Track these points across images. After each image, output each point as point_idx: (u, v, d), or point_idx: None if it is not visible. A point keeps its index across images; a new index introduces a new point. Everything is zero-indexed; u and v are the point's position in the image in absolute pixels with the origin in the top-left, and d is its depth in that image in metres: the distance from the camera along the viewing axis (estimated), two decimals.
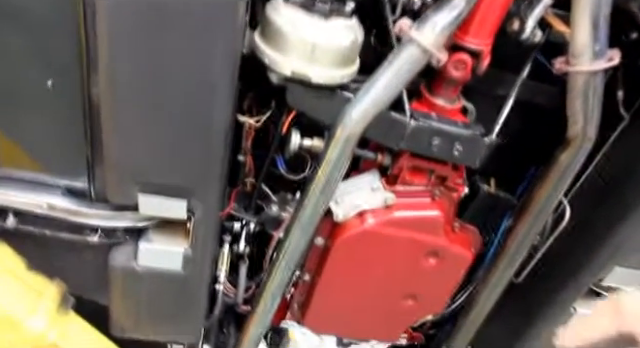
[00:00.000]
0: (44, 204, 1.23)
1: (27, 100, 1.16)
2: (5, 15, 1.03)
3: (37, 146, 1.24)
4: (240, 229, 1.60)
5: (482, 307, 1.61)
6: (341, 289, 1.47)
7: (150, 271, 1.33)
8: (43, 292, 1.26)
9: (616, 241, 1.42)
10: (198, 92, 1.06)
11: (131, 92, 1.05)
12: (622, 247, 1.42)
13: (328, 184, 1.22)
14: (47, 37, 1.07)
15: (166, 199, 1.19)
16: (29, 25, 1.05)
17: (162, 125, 1.09)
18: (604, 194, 1.45)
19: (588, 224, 1.48)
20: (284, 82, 1.16)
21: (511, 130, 1.48)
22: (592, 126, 1.20)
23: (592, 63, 1.12)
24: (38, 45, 1.08)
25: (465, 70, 1.22)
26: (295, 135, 1.31)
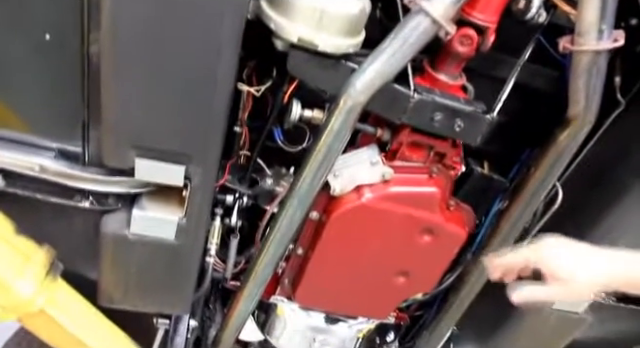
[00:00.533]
0: (36, 166, 1.19)
1: (23, 56, 1.11)
2: None
3: (30, 107, 1.19)
4: (233, 202, 1.58)
5: (471, 288, 1.62)
6: (334, 264, 1.46)
7: (142, 240, 1.30)
8: (32, 257, 1.23)
9: (607, 224, 1.44)
10: (203, 53, 1.03)
11: (133, 51, 1.02)
12: (613, 230, 1.44)
13: (328, 155, 1.21)
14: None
15: (164, 164, 1.16)
16: None
17: (164, 86, 1.06)
18: (597, 178, 1.47)
19: (580, 207, 1.50)
20: (289, 49, 1.14)
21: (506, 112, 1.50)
22: (593, 106, 1.21)
23: (598, 42, 1.12)
24: None
25: (470, 46, 1.22)
26: (296, 105, 1.29)
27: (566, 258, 1.06)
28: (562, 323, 1.68)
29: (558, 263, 1.06)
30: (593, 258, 1.06)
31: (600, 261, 1.05)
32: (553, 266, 1.06)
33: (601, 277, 1.04)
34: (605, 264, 1.04)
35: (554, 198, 1.51)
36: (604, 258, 1.05)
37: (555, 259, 1.07)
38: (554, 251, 1.09)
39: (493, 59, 1.41)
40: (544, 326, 1.67)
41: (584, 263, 1.05)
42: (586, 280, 1.04)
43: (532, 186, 1.40)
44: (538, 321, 1.67)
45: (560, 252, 1.08)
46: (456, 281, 1.68)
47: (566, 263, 1.05)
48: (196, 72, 1.06)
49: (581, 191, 1.50)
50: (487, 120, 1.28)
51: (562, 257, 1.07)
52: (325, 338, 1.72)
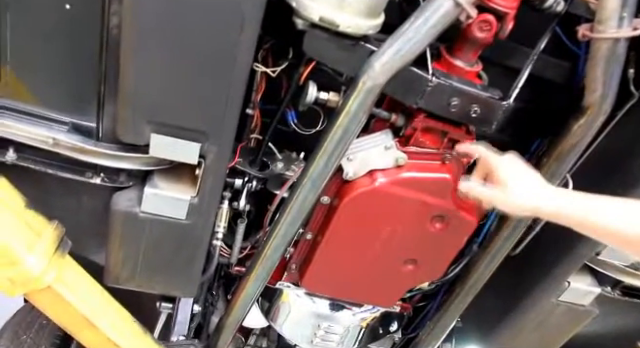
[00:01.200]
0: (49, 139, 1.18)
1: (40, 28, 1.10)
2: None
3: (45, 81, 1.18)
4: (242, 186, 1.57)
5: (478, 279, 1.62)
6: (343, 249, 1.46)
7: (153, 218, 1.30)
8: (42, 233, 1.21)
9: None
10: (226, 28, 1.03)
11: (155, 23, 1.01)
12: None
13: (344, 137, 1.20)
14: None
15: (179, 141, 1.15)
16: None
17: (184, 61, 1.05)
18: (608, 170, 1.47)
19: None
20: (309, 28, 1.13)
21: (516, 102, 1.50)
22: (610, 95, 1.21)
23: (618, 30, 1.12)
24: None
25: (489, 32, 1.21)
26: (312, 87, 1.28)
27: (515, 171, 1.14)
28: (567, 316, 1.69)
29: (506, 169, 1.14)
30: (537, 183, 1.12)
31: (541, 188, 1.11)
32: (500, 169, 1.14)
33: (533, 199, 1.09)
34: (543, 192, 1.10)
35: None
36: (547, 188, 1.11)
37: (506, 166, 1.15)
38: (511, 161, 1.17)
39: (506, 48, 1.41)
40: (549, 319, 1.68)
41: (527, 182, 1.12)
42: (519, 194, 1.10)
43: (544, 176, 1.39)
44: (543, 314, 1.67)
45: (515, 164, 1.16)
46: (462, 272, 1.68)
47: (512, 173, 1.13)
48: (217, 47, 1.05)
49: (591, 183, 1.49)
50: (503, 106, 1.28)
51: (513, 168, 1.15)
52: (329, 325, 1.72)
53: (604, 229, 1.02)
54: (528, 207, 1.11)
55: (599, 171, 1.49)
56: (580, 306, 1.65)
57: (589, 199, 1.07)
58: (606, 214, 1.02)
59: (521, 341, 1.77)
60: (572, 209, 1.06)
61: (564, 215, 1.06)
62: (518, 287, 1.67)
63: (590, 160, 1.50)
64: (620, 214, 1.01)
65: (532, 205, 1.10)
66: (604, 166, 1.48)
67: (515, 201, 1.11)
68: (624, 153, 1.44)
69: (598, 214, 1.03)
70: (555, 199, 1.09)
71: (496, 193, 1.14)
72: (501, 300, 1.75)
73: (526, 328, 1.72)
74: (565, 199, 1.08)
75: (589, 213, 1.03)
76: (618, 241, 1.03)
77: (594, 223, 1.03)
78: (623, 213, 1.01)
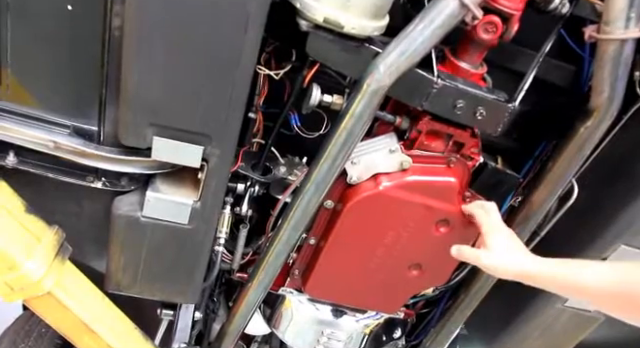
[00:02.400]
0: (50, 142, 1.16)
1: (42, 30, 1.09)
2: None
3: (46, 83, 1.17)
4: (244, 190, 1.55)
5: (483, 284, 1.60)
6: (347, 255, 1.44)
7: (154, 223, 1.28)
8: (41, 238, 1.20)
9: (625, 220, 1.43)
10: (229, 29, 1.01)
11: (157, 24, 1.00)
12: (631, 226, 1.43)
13: (349, 140, 1.19)
14: None
15: (182, 144, 1.14)
16: None
17: (187, 63, 1.04)
18: (614, 173, 1.46)
19: (596, 203, 1.49)
20: (313, 29, 1.12)
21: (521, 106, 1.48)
22: (617, 97, 1.20)
23: (625, 31, 1.11)
24: None
25: (495, 33, 1.20)
26: (316, 89, 1.27)
27: (502, 238, 1.22)
28: (573, 322, 1.66)
29: (494, 236, 1.21)
30: (519, 250, 1.20)
31: (521, 255, 1.19)
32: (489, 235, 1.22)
33: (514, 265, 1.17)
34: (523, 259, 1.17)
35: (569, 193, 1.50)
36: (527, 256, 1.18)
37: (495, 233, 1.22)
38: (500, 229, 1.24)
39: (510, 51, 1.40)
40: (554, 325, 1.65)
41: (510, 248, 1.20)
42: (501, 259, 1.19)
43: (549, 180, 1.39)
44: (548, 320, 1.65)
45: (502, 232, 1.23)
46: (466, 278, 1.66)
47: (499, 240, 1.20)
48: (221, 49, 1.04)
49: (597, 187, 1.48)
50: (509, 109, 1.27)
51: (501, 235, 1.22)
52: (332, 332, 1.69)
53: (583, 290, 1.07)
54: (510, 272, 1.18)
55: (604, 176, 1.48)
56: (586, 312, 1.63)
57: (566, 263, 1.13)
58: (584, 277, 1.07)
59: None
60: (552, 273, 1.12)
61: (544, 279, 1.13)
62: (523, 293, 1.64)
63: (595, 164, 1.48)
64: (596, 275, 1.06)
65: (513, 271, 1.17)
66: (609, 171, 1.47)
67: (498, 267, 1.19)
68: (630, 157, 1.43)
69: (577, 277, 1.08)
70: (535, 265, 1.15)
71: (480, 253, 1.22)
72: (506, 306, 1.73)
73: (531, 335, 1.69)
74: (544, 265, 1.15)
75: (568, 276, 1.09)
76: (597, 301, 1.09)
77: (574, 284, 1.08)
78: (599, 274, 1.07)
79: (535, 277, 1.14)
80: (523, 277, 1.16)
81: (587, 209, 1.48)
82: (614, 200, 1.45)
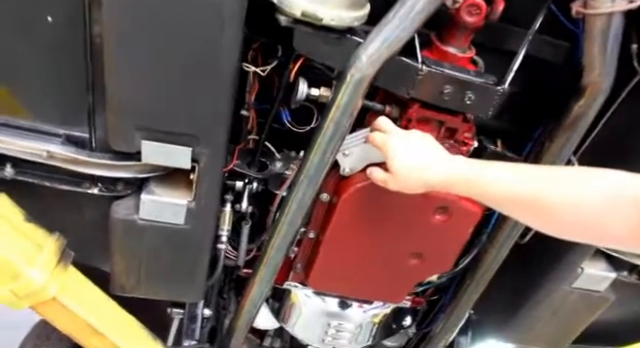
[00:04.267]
0: (44, 152, 1.18)
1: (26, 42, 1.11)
2: None
3: (35, 94, 1.19)
4: (242, 188, 1.56)
5: (487, 269, 1.58)
6: (346, 246, 1.44)
7: (152, 225, 1.30)
8: (43, 245, 1.22)
9: None
10: (206, 29, 1.02)
11: (135, 29, 1.01)
12: None
13: (337, 132, 1.19)
14: None
15: (170, 146, 1.15)
16: None
17: (167, 65, 1.05)
18: (616, 151, 1.43)
19: None
20: (293, 24, 1.12)
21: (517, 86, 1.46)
22: (609, 73, 1.17)
23: (612, 4, 1.08)
24: None
25: (479, 15, 1.18)
26: (303, 84, 1.27)
27: (403, 155, 1.12)
28: (582, 303, 1.64)
29: (394, 158, 1.13)
30: (422, 164, 1.11)
31: (423, 171, 1.10)
32: (389, 156, 1.14)
33: (418, 186, 1.12)
34: (426, 169, 1.10)
35: None
36: (434, 162, 1.10)
37: (395, 148, 1.13)
38: (398, 143, 1.14)
39: (501, 31, 1.37)
40: (563, 307, 1.63)
41: (412, 167, 1.11)
42: (405, 182, 1.12)
43: (547, 161, 1.36)
44: (556, 302, 1.63)
45: (402, 144, 1.13)
46: (472, 263, 1.65)
47: (399, 160, 1.12)
48: (199, 49, 1.04)
49: (600, 165, 1.45)
50: (498, 91, 1.25)
51: (400, 154, 1.13)
52: (340, 323, 1.70)
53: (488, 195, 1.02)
54: (418, 190, 1.13)
55: (606, 153, 1.45)
56: (595, 292, 1.60)
57: (479, 164, 1.06)
58: (499, 176, 1.00)
59: (537, 331, 1.73)
60: (461, 177, 1.05)
61: (455, 183, 1.07)
62: (530, 276, 1.63)
63: (597, 141, 1.46)
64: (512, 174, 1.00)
65: (420, 189, 1.12)
66: (611, 147, 1.44)
67: (404, 189, 1.14)
68: (631, 133, 1.40)
69: (490, 177, 1.01)
70: (438, 176, 1.09)
71: (389, 181, 1.16)
72: (514, 290, 1.72)
73: (541, 318, 1.68)
74: (452, 167, 1.08)
75: (480, 178, 1.02)
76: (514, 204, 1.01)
77: (482, 191, 1.02)
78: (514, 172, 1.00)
79: (441, 187, 1.11)
80: (435, 187, 1.13)
81: None
82: None
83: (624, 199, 0.85)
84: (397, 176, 1.13)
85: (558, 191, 0.93)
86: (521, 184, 0.97)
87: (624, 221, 0.84)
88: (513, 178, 0.99)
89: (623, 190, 0.87)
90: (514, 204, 1.00)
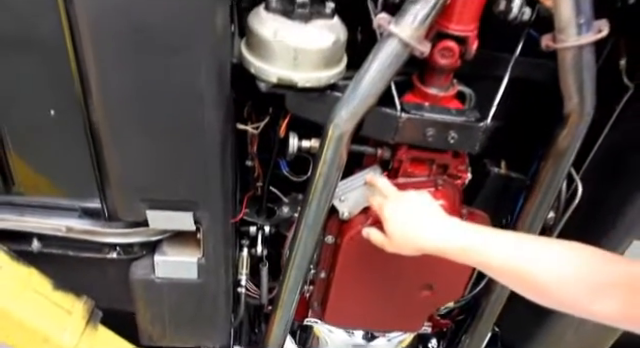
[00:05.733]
0: (63, 227, 1.30)
1: (37, 129, 1.22)
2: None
3: (53, 171, 1.31)
4: (256, 233, 1.64)
5: (502, 288, 1.60)
6: (357, 284, 1.49)
7: (169, 281, 1.39)
8: (71, 310, 1.34)
9: (632, 215, 1.38)
10: (187, 107, 1.09)
11: (124, 114, 1.10)
12: (638, 222, 1.38)
13: (327, 183, 1.24)
14: (45, 70, 1.13)
15: (173, 213, 1.24)
16: (28, 59, 1.12)
17: (157, 143, 1.13)
18: (616, 167, 1.42)
19: (603, 199, 1.45)
20: (272, 89, 1.18)
21: (516, 109, 1.47)
22: (588, 101, 1.18)
23: (579, 37, 1.10)
24: (37, 78, 1.14)
25: (453, 57, 1.22)
26: (293, 138, 1.33)
27: (396, 220, 1.15)
28: None
29: (389, 220, 1.16)
30: (416, 230, 1.12)
31: (417, 238, 1.12)
32: (384, 219, 1.17)
33: (413, 244, 1.13)
34: (420, 242, 1.11)
35: (575, 193, 1.47)
36: (423, 238, 1.11)
37: (390, 213, 1.16)
38: (393, 208, 1.16)
39: (491, 59, 1.39)
40: (586, 323, 1.60)
41: (405, 233, 1.13)
42: (399, 246, 1.15)
43: (543, 184, 1.37)
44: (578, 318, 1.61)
45: (397, 209, 1.16)
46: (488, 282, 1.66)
47: (393, 223, 1.15)
48: (185, 125, 1.12)
49: (602, 183, 1.45)
50: (481, 128, 1.27)
51: (394, 218, 1.15)
52: None
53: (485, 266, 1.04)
54: (411, 250, 1.15)
55: (609, 169, 1.44)
56: None
57: (475, 234, 1.06)
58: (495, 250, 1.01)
59: (565, 345, 1.72)
60: (456, 247, 1.07)
61: (450, 252, 1.08)
62: None
63: (598, 159, 1.45)
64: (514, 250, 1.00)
65: (414, 249, 1.14)
66: (612, 163, 1.43)
67: (401, 251, 1.17)
68: (630, 147, 1.39)
69: (485, 251, 1.02)
70: (437, 238, 1.10)
71: (386, 244, 1.19)
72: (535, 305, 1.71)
73: (565, 334, 1.66)
74: (447, 236, 1.09)
75: (475, 250, 1.03)
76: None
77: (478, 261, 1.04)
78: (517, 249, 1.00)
79: (435, 253, 1.10)
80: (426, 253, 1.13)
81: (594, 207, 1.45)
82: (620, 195, 1.41)
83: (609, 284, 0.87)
84: (392, 240, 1.16)
85: (549, 273, 0.94)
86: (515, 261, 0.98)
87: (613, 305, 0.85)
88: (508, 254, 1.00)
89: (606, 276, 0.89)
90: (508, 278, 1.02)
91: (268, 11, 1.15)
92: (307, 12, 1.13)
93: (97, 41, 1.01)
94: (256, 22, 1.15)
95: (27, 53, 1.10)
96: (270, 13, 1.14)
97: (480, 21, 1.22)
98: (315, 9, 1.15)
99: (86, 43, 1.03)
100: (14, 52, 1.09)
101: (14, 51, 1.09)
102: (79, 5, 0.97)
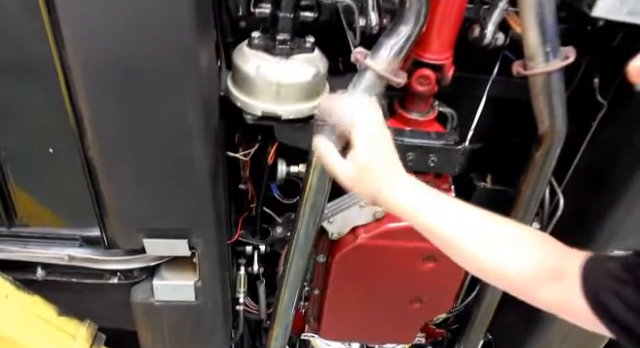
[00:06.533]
0: (65, 256, 1.36)
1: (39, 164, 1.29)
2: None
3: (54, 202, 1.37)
4: (252, 252, 1.71)
5: (491, 297, 1.65)
6: (349, 299, 1.55)
7: (168, 304, 1.45)
8: (76, 335, 1.40)
9: (611, 226, 1.43)
10: (176, 142, 1.15)
11: (117, 150, 1.15)
12: (618, 231, 1.43)
13: (314, 208, 1.30)
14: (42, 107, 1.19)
15: (168, 241, 1.30)
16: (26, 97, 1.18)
17: (149, 176, 1.19)
18: (595, 180, 1.47)
19: (583, 212, 1.50)
20: (257, 121, 1.25)
21: (498, 126, 1.53)
22: (559, 123, 1.23)
23: (547, 64, 1.15)
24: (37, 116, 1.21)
25: (430, 84, 1.28)
26: (281, 164, 1.40)
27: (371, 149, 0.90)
28: None
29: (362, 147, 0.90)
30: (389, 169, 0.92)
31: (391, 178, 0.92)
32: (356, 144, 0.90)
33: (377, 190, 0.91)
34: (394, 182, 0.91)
35: (557, 205, 1.52)
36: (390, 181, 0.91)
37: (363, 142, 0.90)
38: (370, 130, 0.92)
39: (471, 80, 1.45)
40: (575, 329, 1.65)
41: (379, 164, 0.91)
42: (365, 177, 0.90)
43: (523, 201, 1.43)
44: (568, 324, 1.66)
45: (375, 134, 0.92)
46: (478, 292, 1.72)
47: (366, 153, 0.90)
48: (173, 157, 1.17)
49: (583, 195, 1.50)
50: (459, 151, 1.32)
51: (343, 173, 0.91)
52: None
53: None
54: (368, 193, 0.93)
55: (588, 183, 1.49)
56: None
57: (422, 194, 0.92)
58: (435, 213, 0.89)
59: None
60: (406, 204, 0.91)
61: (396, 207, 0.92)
62: None
63: (578, 173, 1.51)
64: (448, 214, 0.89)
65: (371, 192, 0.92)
66: (591, 177, 1.48)
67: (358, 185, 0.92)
68: (607, 162, 1.44)
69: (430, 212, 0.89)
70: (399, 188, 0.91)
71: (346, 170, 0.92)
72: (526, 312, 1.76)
73: (554, 340, 1.71)
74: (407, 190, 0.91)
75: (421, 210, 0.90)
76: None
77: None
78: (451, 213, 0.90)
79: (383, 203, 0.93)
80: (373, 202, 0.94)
81: (576, 217, 1.50)
82: (599, 206, 1.46)
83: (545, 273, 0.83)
84: (359, 172, 0.91)
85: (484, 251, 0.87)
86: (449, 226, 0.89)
87: (551, 293, 0.83)
88: (445, 218, 0.90)
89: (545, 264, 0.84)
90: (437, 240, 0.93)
91: (251, 47, 1.21)
92: (288, 48, 1.20)
93: (88, 81, 1.07)
94: (240, 59, 1.21)
95: (26, 90, 1.16)
96: (253, 49, 1.21)
97: (460, 45, 1.29)
98: (296, 44, 1.22)
99: (78, 84, 1.08)
100: (13, 84, 1.14)
101: (14, 83, 1.14)
102: (70, 47, 1.02)
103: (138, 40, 1.00)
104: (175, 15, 0.98)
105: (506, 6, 1.26)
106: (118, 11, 0.96)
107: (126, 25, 0.98)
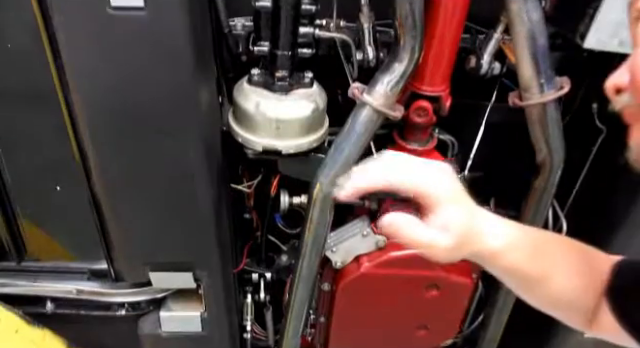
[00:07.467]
0: (74, 290, 1.39)
1: (49, 202, 1.33)
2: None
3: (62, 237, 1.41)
4: (258, 280, 1.72)
5: (496, 324, 1.65)
6: (354, 327, 1.56)
7: (175, 335, 1.47)
8: None
9: (614, 250, 1.42)
10: (178, 179, 1.18)
11: (121, 189, 1.19)
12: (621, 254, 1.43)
13: (316, 239, 1.31)
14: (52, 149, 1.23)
15: (173, 274, 1.32)
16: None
17: (153, 212, 1.22)
18: (596, 205, 1.47)
19: (586, 234, 1.49)
20: (258, 156, 1.27)
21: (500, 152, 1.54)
22: (557, 151, 1.24)
23: (542, 95, 1.16)
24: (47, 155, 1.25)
25: (427, 116, 1.29)
26: (284, 195, 1.42)
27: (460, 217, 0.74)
28: None
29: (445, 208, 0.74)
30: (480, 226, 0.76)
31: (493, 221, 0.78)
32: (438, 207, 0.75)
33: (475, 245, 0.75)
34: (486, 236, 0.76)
35: (560, 230, 1.52)
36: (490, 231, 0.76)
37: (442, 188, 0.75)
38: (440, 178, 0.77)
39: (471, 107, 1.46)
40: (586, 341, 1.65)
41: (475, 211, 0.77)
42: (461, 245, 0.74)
43: (527, 221, 1.42)
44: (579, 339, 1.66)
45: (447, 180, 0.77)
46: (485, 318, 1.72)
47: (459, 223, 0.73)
48: (177, 195, 1.20)
49: (585, 219, 1.50)
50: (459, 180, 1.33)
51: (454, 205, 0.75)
52: None
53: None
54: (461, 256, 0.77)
55: (589, 208, 1.50)
56: None
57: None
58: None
59: None
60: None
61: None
62: (544, 326, 1.67)
63: (580, 197, 1.51)
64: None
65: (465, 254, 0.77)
66: (593, 202, 1.48)
67: (452, 255, 0.75)
68: (608, 186, 1.44)
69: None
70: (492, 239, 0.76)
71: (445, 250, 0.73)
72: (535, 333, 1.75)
73: None
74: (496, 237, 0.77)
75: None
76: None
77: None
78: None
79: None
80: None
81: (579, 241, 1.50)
82: (602, 229, 1.45)
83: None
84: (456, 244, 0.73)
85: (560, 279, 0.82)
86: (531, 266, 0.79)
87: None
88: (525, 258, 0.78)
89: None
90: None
91: (251, 84, 1.24)
92: (287, 84, 1.23)
93: (90, 122, 1.10)
94: (240, 96, 1.24)
95: (35, 123, 1.20)
96: (252, 86, 1.24)
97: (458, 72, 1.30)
98: (295, 80, 1.24)
99: (82, 123, 1.13)
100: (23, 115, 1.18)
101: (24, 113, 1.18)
102: (73, 88, 1.06)
103: (139, 83, 1.04)
104: (175, 59, 1.02)
105: (501, 36, 1.28)
106: (120, 57, 1.00)
107: (127, 69, 1.02)
